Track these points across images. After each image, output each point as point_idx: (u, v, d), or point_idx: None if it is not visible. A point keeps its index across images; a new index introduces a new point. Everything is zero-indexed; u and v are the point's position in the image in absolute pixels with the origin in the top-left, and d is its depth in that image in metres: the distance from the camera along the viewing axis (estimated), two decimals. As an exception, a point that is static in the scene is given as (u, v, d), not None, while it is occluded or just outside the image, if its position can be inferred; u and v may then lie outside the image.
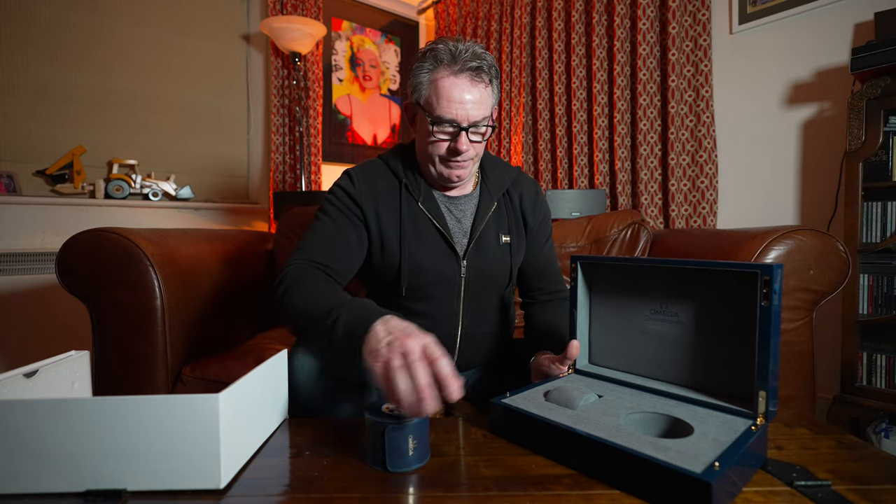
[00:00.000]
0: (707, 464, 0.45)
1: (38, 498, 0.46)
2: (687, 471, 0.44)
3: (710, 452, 0.48)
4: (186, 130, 2.36)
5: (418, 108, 0.85)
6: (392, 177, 0.91)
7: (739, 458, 0.47)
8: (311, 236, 0.87)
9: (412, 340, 0.53)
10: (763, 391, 0.55)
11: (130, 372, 1.08)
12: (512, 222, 0.95)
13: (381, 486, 0.48)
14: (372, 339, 0.57)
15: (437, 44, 0.82)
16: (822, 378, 1.51)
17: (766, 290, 0.53)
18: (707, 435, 0.52)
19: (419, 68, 0.83)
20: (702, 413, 0.58)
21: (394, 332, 0.56)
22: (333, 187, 0.91)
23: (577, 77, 2.24)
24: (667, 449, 0.49)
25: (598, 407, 0.61)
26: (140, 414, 0.46)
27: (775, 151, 1.75)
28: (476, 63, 0.80)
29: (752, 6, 1.79)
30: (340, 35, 2.86)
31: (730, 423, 0.55)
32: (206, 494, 0.47)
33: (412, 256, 0.87)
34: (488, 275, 0.92)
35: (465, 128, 0.81)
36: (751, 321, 0.55)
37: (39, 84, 1.95)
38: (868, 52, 1.33)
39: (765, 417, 0.55)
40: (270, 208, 2.46)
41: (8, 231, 1.83)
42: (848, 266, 1.05)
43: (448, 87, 0.80)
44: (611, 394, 0.66)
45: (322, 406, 0.74)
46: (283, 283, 0.77)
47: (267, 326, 1.56)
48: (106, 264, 1.05)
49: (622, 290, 0.72)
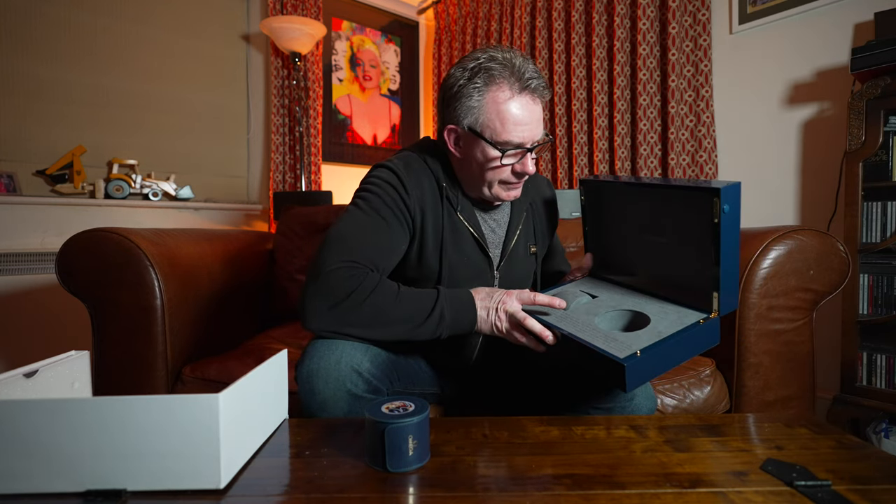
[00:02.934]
0: (633, 351, 0.60)
1: (38, 498, 0.46)
2: (612, 356, 0.60)
3: (646, 341, 0.63)
4: (186, 130, 2.36)
5: (472, 135, 0.78)
6: (433, 180, 0.83)
7: (669, 347, 0.63)
8: (359, 232, 0.76)
9: (500, 320, 0.73)
10: (715, 292, 0.68)
11: (130, 372, 1.08)
12: (539, 230, 0.95)
13: (381, 486, 0.48)
14: (482, 324, 0.74)
15: (485, 60, 0.75)
16: (822, 378, 1.51)
17: (717, 210, 0.64)
18: (656, 327, 0.67)
19: (469, 90, 0.76)
20: (669, 309, 0.72)
21: (490, 314, 0.73)
22: (377, 180, 0.80)
23: (577, 77, 2.24)
24: (613, 340, 0.64)
25: (586, 307, 0.76)
26: (140, 414, 0.46)
27: (775, 151, 1.75)
28: (537, 81, 0.76)
29: (752, 6, 1.79)
30: (340, 35, 2.86)
31: (685, 317, 0.69)
32: (206, 494, 0.47)
33: (451, 269, 0.83)
34: (517, 283, 0.91)
35: (531, 148, 0.78)
36: (710, 234, 0.66)
37: (40, 84, 1.95)
38: (868, 52, 1.33)
39: (718, 312, 0.68)
40: (270, 208, 2.46)
41: (8, 231, 1.83)
42: (848, 266, 1.05)
43: (514, 110, 0.75)
44: (605, 295, 0.80)
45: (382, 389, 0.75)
46: (360, 289, 0.69)
47: (267, 326, 1.56)
48: (106, 264, 1.05)
49: (619, 210, 0.84)
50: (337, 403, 0.69)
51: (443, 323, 0.72)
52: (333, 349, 0.70)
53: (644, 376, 0.62)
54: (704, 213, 0.66)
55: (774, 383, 1.05)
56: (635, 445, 0.58)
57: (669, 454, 0.55)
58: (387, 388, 0.76)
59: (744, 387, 1.05)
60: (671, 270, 0.75)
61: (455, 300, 0.74)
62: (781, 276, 1.02)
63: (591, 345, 0.63)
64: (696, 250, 0.70)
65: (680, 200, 0.71)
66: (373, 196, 0.79)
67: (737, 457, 0.55)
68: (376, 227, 0.77)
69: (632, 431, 0.62)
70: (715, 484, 0.48)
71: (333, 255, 0.72)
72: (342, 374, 0.69)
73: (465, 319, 0.73)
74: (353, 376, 0.70)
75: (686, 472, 0.51)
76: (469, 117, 0.77)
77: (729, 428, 0.63)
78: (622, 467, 0.52)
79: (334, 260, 0.71)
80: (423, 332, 0.72)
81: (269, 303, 1.61)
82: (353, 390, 0.70)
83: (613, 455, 0.55)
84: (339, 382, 0.69)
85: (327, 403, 0.69)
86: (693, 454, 0.55)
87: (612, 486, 0.48)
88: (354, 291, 0.69)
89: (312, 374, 0.69)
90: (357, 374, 0.70)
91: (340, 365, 0.69)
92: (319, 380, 0.69)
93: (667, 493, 0.46)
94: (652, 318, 0.70)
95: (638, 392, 0.78)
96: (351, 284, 0.69)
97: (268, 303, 1.61)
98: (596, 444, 0.58)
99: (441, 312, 0.72)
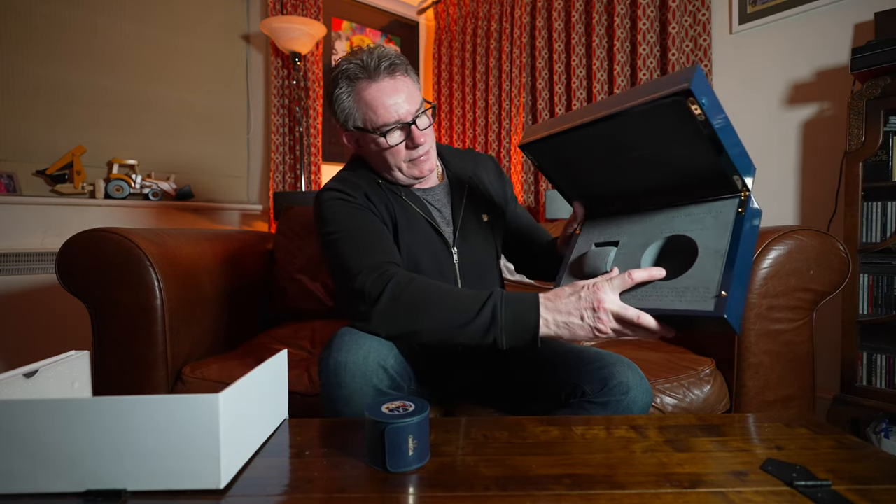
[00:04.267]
0: (716, 293, 0.55)
1: (37, 498, 0.46)
2: (704, 312, 0.55)
3: (715, 275, 0.57)
4: (186, 130, 2.36)
5: (358, 132, 0.85)
6: (370, 180, 0.89)
7: (738, 258, 0.56)
8: (351, 243, 0.78)
9: (603, 321, 0.64)
10: (736, 175, 0.61)
11: (130, 372, 1.08)
12: (487, 200, 0.99)
13: (381, 486, 0.48)
14: (575, 330, 0.65)
15: (343, 65, 0.82)
16: (822, 378, 1.51)
17: (698, 110, 0.55)
18: (708, 247, 0.60)
19: (338, 96, 0.83)
20: (697, 214, 0.65)
21: (586, 318, 0.64)
22: (326, 205, 0.84)
23: (577, 77, 2.24)
24: (683, 291, 0.59)
25: (621, 259, 0.69)
26: (140, 414, 0.46)
27: (775, 151, 1.75)
28: (387, 62, 0.81)
29: (752, 6, 1.79)
30: (340, 35, 2.86)
31: (720, 212, 0.62)
32: (206, 494, 0.47)
33: (409, 248, 0.87)
34: (478, 255, 0.95)
35: (412, 122, 0.83)
36: (701, 133, 0.58)
37: (40, 84, 1.95)
38: (868, 52, 1.33)
39: (746, 189, 0.62)
40: (270, 208, 2.46)
41: (8, 231, 1.83)
42: (848, 266, 1.05)
43: (376, 95, 0.81)
44: (624, 237, 0.72)
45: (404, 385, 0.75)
46: (395, 290, 0.70)
47: (267, 326, 1.56)
48: (106, 264, 1.05)
49: (581, 153, 0.73)
50: (363, 398, 0.69)
51: (495, 325, 0.66)
52: (361, 344, 0.71)
53: (740, 304, 0.56)
54: (684, 121, 0.57)
55: (774, 383, 1.05)
56: (635, 445, 0.58)
57: (669, 454, 0.55)
58: (407, 384, 0.77)
59: (744, 387, 1.05)
60: (671, 174, 0.67)
61: (513, 301, 0.67)
62: (781, 276, 1.02)
63: (672, 310, 0.58)
64: (689, 151, 0.62)
65: (643, 120, 0.61)
66: (332, 214, 0.83)
67: (737, 457, 0.55)
68: (360, 228, 0.81)
69: (632, 431, 0.62)
70: (715, 484, 0.48)
71: (352, 270, 0.75)
72: (369, 370, 0.69)
73: (525, 324, 0.65)
74: (379, 372, 0.70)
75: (686, 472, 0.51)
76: (350, 119, 0.84)
77: (729, 428, 0.63)
78: (622, 467, 0.52)
79: (353, 273, 0.74)
80: (471, 332, 0.67)
81: (269, 303, 1.61)
82: (379, 385, 0.70)
83: (613, 455, 0.55)
84: (365, 377, 0.69)
85: (353, 397, 0.69)
86: (693, 454, 0.55)
87: (612, 486, 0.48)
88: (386, 287, 0.71)
89: (340, 368, 0.69)
90: (383, 369, 0.71)
91: (368, 360, 0.69)
92: (347, 374, 0.69)
93: (667, 493, 0.46)
94: (691, 235, 0.63)
95: (633, 385, 0.76)
96: (381, 283, 0.71)
97: (268, 303, 1.61)
98: (596, 444, 0.58)
99: (493, 312, 0.66)
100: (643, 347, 1.24)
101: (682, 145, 0.61)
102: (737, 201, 0.62)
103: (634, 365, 0.80)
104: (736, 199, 0.62)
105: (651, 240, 0.68)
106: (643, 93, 0.59)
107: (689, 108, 0.55)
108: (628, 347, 1.25)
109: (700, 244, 0.61)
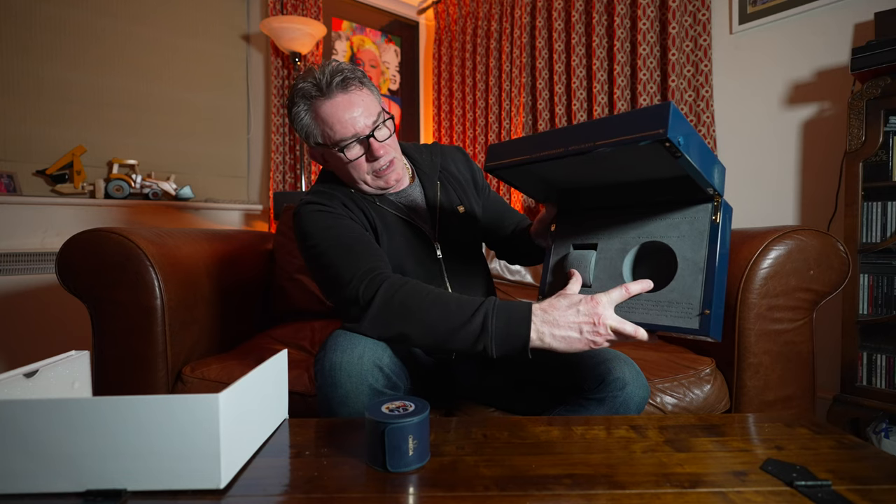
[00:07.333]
0: (699, 311, 0.60)
1: (37, 498, 0.46)
2: (687, 329, 0.60)
3: (696, 290, 0.61)
4: (186, 130, 2.36)
5: (321, 148, 0.87)
6: (343, 192, 0.90)
7: (715, 272, 0.60)
8: (337, 251, 0.78)
9: (600, 335, 0.64)
10: (709, 187, 0.62)
11: (130, 372, 1.08)
12: (460, 192, 0.99)
13: (381, 486, 0.48)
14: (573, 343, 0.65)
15: (298, 84, 0.83)
16: (822, 378, 1.51)
17: (674, 148, 0.53)
18: (687, 258, 0.63)
19: (296, 115, 0.84)
20: (673, 219, 0.66)
21: (584, 332, 0.64)
22: (306, 218, 0.84)
23: (577, 77, 2.24)
24: (668, 305, 0.62)
25: (601, 266, 0.71)
26: (140, 414, 0.46)
27: (775, 151, 1.75)
28: (339, 77, 0.81)
29: (752, 6, 1.79)
30: (340, 35, 2.86)
31: (695, 218, 0.64)
32: (206, 494, 0.47)
33: (391, 252, 0.88)
34: (460, 248, 0.96)
35: (370, 135, 0.83)
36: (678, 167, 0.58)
37: (39, 84, 1.95)
38: (868, 52, 1.33)
39: (720, 193, 0.63)
40: (270, 208, 2.46)
41: (8, 231, 1.83)
42: (848, 266, 1.05)
43: (331, 112, 0.81)
44: (602, 241, 0.73)
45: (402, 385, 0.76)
46: (387, 293, 0.70)
47: (267, 326, 1.56)
48: (106, 264, 1.05)
49: (548, 174, 0.73)
50: (359, 398, 0.69)
51: (485, 334, 0.65)
52: (356, 344, 0.71)
53: (721, 316, 0.61)
54: (659, 154, 0.56)
55: (774, 383, 1.05)
56: (635, 445, 0.58)
57: (669, 454, 0.55)
58: (403, 384, 0.77)
59: (744, 386, 1.05)
60: (643, 180, 0.68)
61: (505, 310, 0.66)
62: (781, 276, 1.02)
63: (660, 326, 0.62)
64: (663, 166, 0.61)
65: (617, 152, 0.58)
66: (314, 226, 0.82)
67: (737, 457, 0.55)
68: (345, 236, 0.80)
69: (632, 431, 0.62)
70: (715, 484, 0.48)
71: (344, 278, 0.74)
72: (364, 369, 0.69)
73: (516, 335, 0.65)
74: (374, 371, 0.70)
75: (686, 472, 0.51)
76: (311, 136, 0.85)
77: (729, 428, 0.63)
78: (622, 467, 0.52)
79: (346, 280, 0.74)
80: (461, 339, 0.67)
81: (269, 303, 1.61)
82: (375, 385, 0.70)
83: (613, 455, 0.55)
84: (361, 377, 0.69)
85: (349, 397, 0.69)
86: (693, 454, 0.55)
87: (612, 486, 0.48)
88: (378, 290, 0.71)
89: (335, 368, 0.69)
90: (378, 369, 0.71)
91: (363, 360, 0.70)
92: (342, 373, 0.69)
93: (667, 493, 0.46)
94: (668, 243, 0.65)
95: (630, 380, 0.77)
96: (373, 287, 0.71)
97: (268, 303, 1.61)
98: (596, 444, 0.58)
99: (484, 321, 0.66)
100: (643, 347, 1.23)
101: (656, 165, 0.62)
102: (710, 207, 0.64)
103: (631, 360, 0.81)
104: (710, 204, 0.64)
105: (629, 244, 0.70)
106: (616, 130, 0.56)
107: (665, 147, 0.54)
108: (628, 347, 1.25)
109: (679, 254, 0.64)
